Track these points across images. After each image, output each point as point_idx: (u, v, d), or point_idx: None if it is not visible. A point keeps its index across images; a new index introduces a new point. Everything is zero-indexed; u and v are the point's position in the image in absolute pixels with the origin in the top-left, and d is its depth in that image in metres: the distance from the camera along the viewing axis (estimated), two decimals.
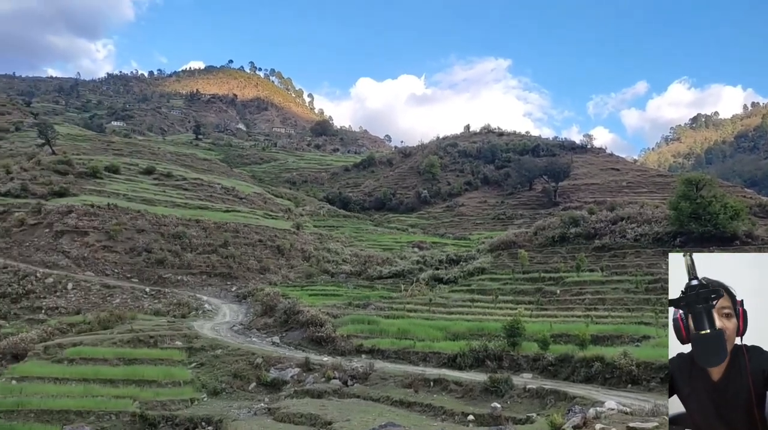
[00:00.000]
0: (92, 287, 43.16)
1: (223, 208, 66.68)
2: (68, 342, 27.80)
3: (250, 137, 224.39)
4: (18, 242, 49.64)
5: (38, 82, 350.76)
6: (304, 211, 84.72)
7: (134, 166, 77.05)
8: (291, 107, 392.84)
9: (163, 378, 23.74)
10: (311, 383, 22.75)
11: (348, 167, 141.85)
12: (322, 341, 28.71)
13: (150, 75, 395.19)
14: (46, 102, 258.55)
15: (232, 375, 24.66)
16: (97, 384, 22.58)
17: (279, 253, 54.88)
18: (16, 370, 24.22)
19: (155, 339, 28.60)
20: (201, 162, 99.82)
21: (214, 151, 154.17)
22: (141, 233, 51.31)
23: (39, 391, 21.45)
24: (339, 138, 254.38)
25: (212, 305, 41.54)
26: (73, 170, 66.47)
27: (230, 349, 27.35)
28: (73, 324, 32.21)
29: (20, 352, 27.42)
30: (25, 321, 37.78)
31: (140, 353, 26.75)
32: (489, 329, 27.34)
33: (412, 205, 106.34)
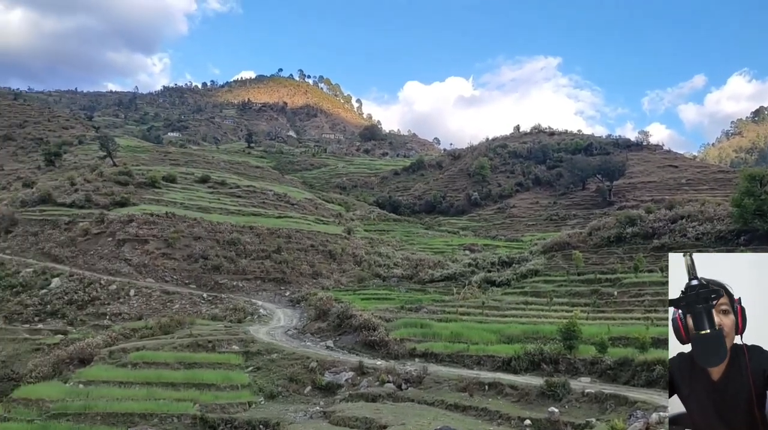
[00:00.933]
0: (153, 294, 44.59)
1: (275, 214, 67.82)
2: (131, 347, 28.79)
3: (300, 144, 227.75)
4: (83, 250, 51.77)
5: (99, 97, 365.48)
6: (354, 216, 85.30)
7: (190, 176, 79.24)
8: (340, 113, 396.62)
9: (222, 382, 24.29)
10: (365, 387, 22.86)
11: (397, 171, 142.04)
12: (375, 344, 28.80)
13: (203, 86, 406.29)
14: (107, 116, 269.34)
15: (288, 379, 25.02)
16: (160, 387, 23.29)
17: (331, 257, 55.40)
18: (83, 374, 25.23)
19: (213, 343, 29.29)
20: (253, 170, 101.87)
21: (266, 158, 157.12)
22: (198, 240, 52.67)
23: (105, 394, 22.27)
24: (388, 142, 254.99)
25: (267, 310, 42.26)
26: (133, 181, 68.85)
27: (285, 353, 27.76)
28: (135, 329, 33.36)
29: (87, 357, 28.58)
30: (90, 327, 39.37)
31: (199, 357, 27.45)
32: (544, 332, 26.85)
33: (463, 207, 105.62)
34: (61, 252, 51.43)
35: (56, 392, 22.57)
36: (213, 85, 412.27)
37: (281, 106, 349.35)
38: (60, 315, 42.17)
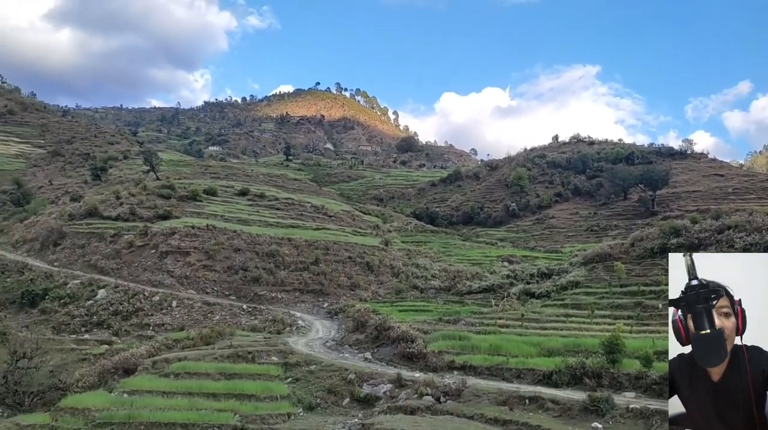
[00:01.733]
0: (194, 305, 45.38)
1: (313, 226, 68.40)
2: (174, 357, 29.33)
3: (337, 156, 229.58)
4: (128, 262, 53.10)
5: (143, 113, 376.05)
6: (391, 228, 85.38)
7: (230, 188, 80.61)
8: (376, 125, 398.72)
9: (262, 392, 24.50)
10: (404, 400, 22.74)
11: (434, 182, 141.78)
12: (414, 357, 28.66)
13: (243, 101, 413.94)
14: (150, 131, 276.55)
15: (327, 390, 25.09)
16: (201, 398, 23.64)
17: (368, 269, 55.51)
18: (128, 384, 25.77)
19: (253, 354, 29.61)
20: (291, 182, 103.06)
21: (303, 171, 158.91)
22: (237, 252, 53.45)
23: (148, 404, 22.69)
24: (424, 154, 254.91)
25: (305, 321, 42.55)
26: (175, 194, 70.40)
27: (324, 364, 27.87)
28: (177, 340, 33.99)
29: (131, 366, 29.24)
30: (135, 337, 40.27)
31: (240, 368, 27.77)
32: (586, 345, 26.30)
33: (501, 218, 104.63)
34: (106, 264, 52.85)
35: (102, 402, 23.09)
36: (252, 99, 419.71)
37: (319, 119, 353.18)
38: (106, 326, 43.27)
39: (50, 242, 60.45)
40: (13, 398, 28.63)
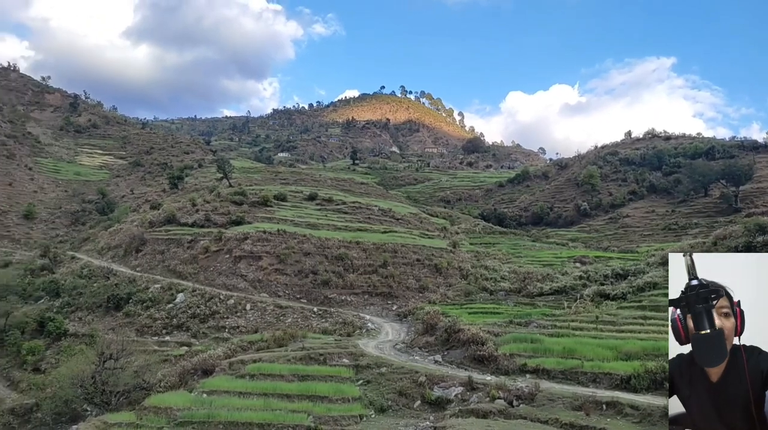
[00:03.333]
0: (267, 308, 46.54)
1: (381, 229, 68.77)
2: (249, 359, 30.16)
3: (403, 159, 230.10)
4: (204, 267, 55.06)
5: (216, 122, 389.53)
6: (459, 230, 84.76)
7: (299, 194, 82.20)
8: (442, 127, 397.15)
9: (334, 394, 24.82)
10: (475, 403, 22.50)
11: (502, 183, 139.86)
12: (484, 359, 28.32)
13: (310, 107, 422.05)
14: (223, 139, 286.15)
15: (398, 393, 25.14)
16: (275, 398, 24.18)
17: (437, 271, 55.30)
18: (206, 384, 26.69)
19: (324, 356, 30.05)
20: (359, 186, 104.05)
21: (370, 174, 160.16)
22: (307, 256, 54.43)
23: (226, 404, 23.42)
24: (491, 154, 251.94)
25: (375, 324, 42.83)
26: (247, 200, 72.44)
27: (394, 367, 27.94)
28: (252, 342, 34.94)
29: (209, 368, 30.30)
30: (212, 339, 41.71)
31: (312, 369, 28.24)
32: (666, 348, 25.15)
33: (572, 218, 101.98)
34: (184, 269, 54.99)
35: (183, 401, 24.01)
36: (319, 105, 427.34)
37: (384, 122, 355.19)
38: (185, 328, 45.07)
39: (132, 249, 63.46)
40: (101, 397, 30.20)
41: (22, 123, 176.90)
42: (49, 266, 65.40)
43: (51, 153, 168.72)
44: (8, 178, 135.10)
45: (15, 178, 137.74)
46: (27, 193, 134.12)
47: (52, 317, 49.26)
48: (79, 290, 54.89)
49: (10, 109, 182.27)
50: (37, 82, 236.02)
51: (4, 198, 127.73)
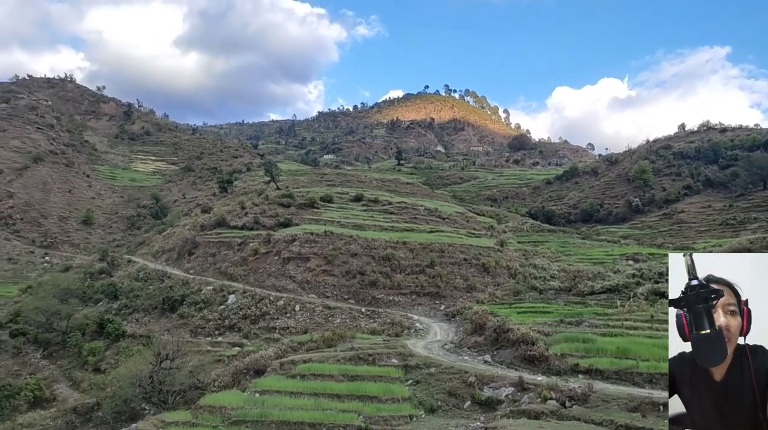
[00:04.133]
0: (316, 309, 47.06)
1: (427, 229, 68.60)
2: (299, 359, 30.58)
3: (449, 158, 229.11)
4: (254, 269, 56.06)
5: (262, 126, 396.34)
6: (506, 228, 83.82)
7: (345, 195, 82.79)
8: (487, 125, 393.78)
9: (383, 394, 24.91)
10: (527, 403, 22.22)
11: (549, 180, 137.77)
12: (535, 359, 27.91)
13: (354, 109, 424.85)
14: (270, 143, 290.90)
15: (447, 393, 25.05)
16: (326, 398, 24.44)
17: (484, 271, 54.83)
18: (258, 384, 27.19)
19: (373, 357, 30.19)
20: (404, 186, 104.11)
21: (415, 174, 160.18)
22: (354, 257, 54.75)
23: (278, 403, 23.81)
24: (538, 151, 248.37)
25: (423, 324, 42.76)
26: (294, 202, 73.41)
27: (443, 367, 27.85)
28: (302, 343, 35.41)
29: (260, 368, 30.85)
30: (263, 340, 42.44)
31: (361, 370, 28.41)
32: None
33: (623, 215, 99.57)
34: (235, 271, 56.11)
35: (236, 400, 24.54)
36: (363, 107, 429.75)
37: (428, 122, 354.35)
38: (236, 329, 46.01)
39: (185, 252, 65.16)
40: (158, 396, 31.14)
41: (79, 132, 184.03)
42: (107, 270, 67.78)
43: (107, 160, 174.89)
44: (68, 186, 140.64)
45: (74, 185, 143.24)
46: (85, 199, 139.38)
47: (111, 318, 51.08)
48: (135, 293, 56.72)
49: (68, 118, 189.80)
50: (92, 92, 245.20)
51: (65, 205, 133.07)
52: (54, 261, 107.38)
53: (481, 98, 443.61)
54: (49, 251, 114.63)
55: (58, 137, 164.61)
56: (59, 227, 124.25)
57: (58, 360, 50.14)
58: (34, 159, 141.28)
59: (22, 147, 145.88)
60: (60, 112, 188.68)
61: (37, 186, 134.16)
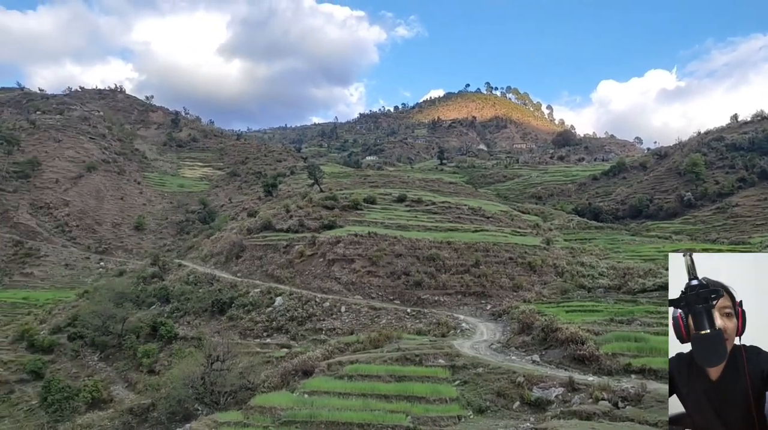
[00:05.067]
0: (361, 310, 47.29)
1: (471, 228, 68.15)
2: (346, 360, 30.77)
3: (491, 157, 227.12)
4: (299, 271, 56.74)
5: (305, 130, 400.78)
6: (552, 226, 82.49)
7: (388, 196, 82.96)
8: (530, 122, 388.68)
9: (431, 395, 24.83)
10: (578, 404, 21.80)
11: (596, 176, 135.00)
12: (585, 359, 27.35)
13: (395, 110, 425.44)
14: (312, 146, 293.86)
15: (495, 393, 24.79)
16: (374, 399, 24.51)
17: (531, 269, 54.09)
18: (307, 385, 27.46)
19: (420, 357, 30.14)
20: (447, 186, 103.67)
21: (458, 173, 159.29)
22: (399, 258, 54.79)
23: (326, 404, 24.00)
24: (583, 147, 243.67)
25: (469, 324, 42.46)
26: (338, 204, 73.93)
27: (491, 367, 27.59)
28: (348, 343, 35.62)
29: (308, 369, 31.16)
30: (310, 341, 42.90)
31: (408, 370, 28.40)
32: None
33: (674, 210, 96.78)
34: (281, 273, 56.89)
35: (285, 401, 24.85)
36: (404, 107, 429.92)
37: (470, 120, 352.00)
38: (284, 330, 46.64)
39: (233, 255, 66.42)
40: (210, 397, 31.86)
41: (129, 141, 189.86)
42: (159, 274, 69.67)
43: (156, 167, 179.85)
44: (120, 193, 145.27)
45: (126, 192, 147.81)
46: (137, 206, 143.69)
47: (164, 321, 52.50)
48: (186, 296, 58.12)
49: (118, 128, 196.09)
50: (141, 102, 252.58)
51: (117, 211, 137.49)
52: (108, 266, 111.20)
53: (524, 95, 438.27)
54: (104, 256, 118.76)
55: (110, 146, 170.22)
56: (113, 233, 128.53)
57: (115, 362, 51.86)
58: (87, 168, 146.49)
59: (76, 157, 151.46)
60: (111, 122, 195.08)
61: (91, 194, 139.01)
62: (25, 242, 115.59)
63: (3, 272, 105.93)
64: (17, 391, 51.86)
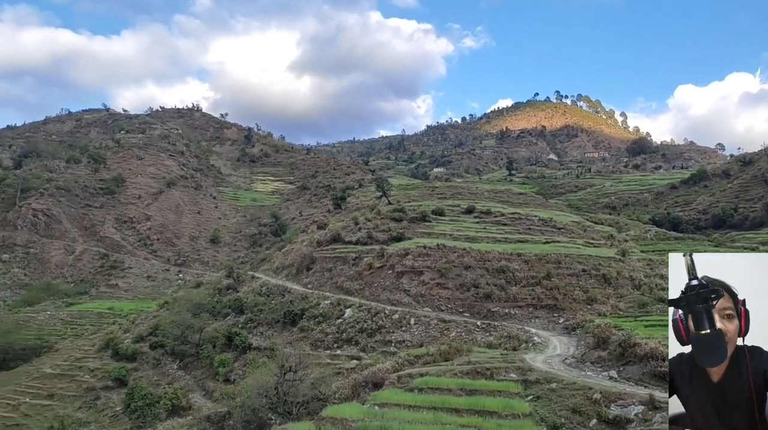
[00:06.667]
0: (431, 322, 47.05)
1: (542, 239, 66.68)
2: (416, 372, 30.67)
3: (562, 166, 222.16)
4: (368, 283, 57.12)
5: (373, 143, 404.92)
6: (628, 237, 79.58)
7: (456, 207, 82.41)
8: (602, 130, 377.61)
9: (503, 409, 24.37)
10: (659, 423, 20.88)
11: (674, 185, 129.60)
12: (666, 376, 26.11)
13: (463, 121, 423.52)
14: (380, 159, 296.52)
15: (571, 410, 24.07)
16: (445, 412, 24.28)
17: (605, 282, 52.30)
18: (377, 397, 27.54)
19: (491, 371, 29.67)
20: (516, 196, 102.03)
21: (527, 184, 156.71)
22: (468, 270, 54.22)
23: (397, 417, 23.97)
24: (660, 154, 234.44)
25: (541, 338, 41.47)
26: (406, 216, 74.04)
27: (565, 382, 26.83)
28: (418, 356, 35.50)
29: (379, 381, 31.26)
30: (379, 353, 43.01)
31: (479, 384, 28.00)
32: None
33: (761, 219, 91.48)
34: (350, 285, 57.44)
35: (356, 413, 24.99)
36: (471, 118, 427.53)
37: (539, 130, 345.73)
38: (354, 342, 46.99)
39: (303, 267, 67.65)
40: (283, 407, 32.48)
41: (206, 157, 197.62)
42: (233, 286, 71.82)
43: (231, 182, 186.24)
44: (197, 207, 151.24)
45: (202, 206, 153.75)
46: (213, 219, 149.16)
47: (238, 331, 54.05)
48: (259, 307, 59.60)
49: (195, 145, 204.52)
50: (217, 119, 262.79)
51: (194, 225, 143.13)
52: (186, 278, 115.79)
53: (595, 102, 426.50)
54: (182, 268, 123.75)
55: (188, 163, 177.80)
56: (190, 246, 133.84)
57: (193, 371, 53.77)
58: (167, 184, 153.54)
59: (157, 173, 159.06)
60: (189, 140, 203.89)
61: (171, 209, 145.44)
62: (110, 254, 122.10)
63: (90, 283, 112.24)
64: (103, 397, 54.69)
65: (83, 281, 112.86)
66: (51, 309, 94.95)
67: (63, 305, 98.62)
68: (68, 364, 64.95)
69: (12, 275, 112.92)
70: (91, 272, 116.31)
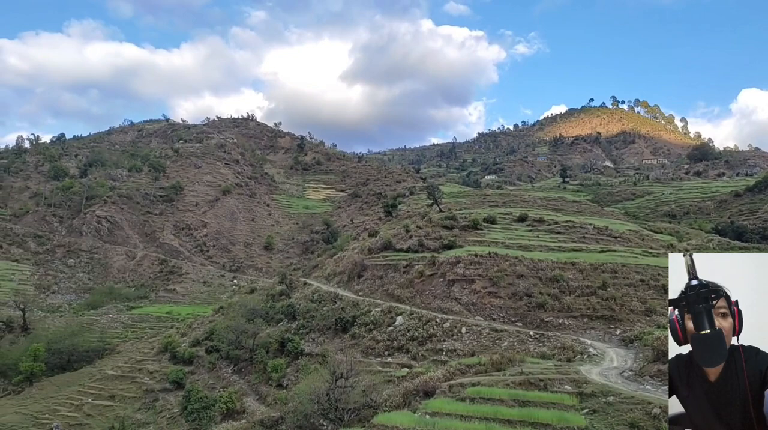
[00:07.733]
0: (482, 331, 46.52)
1: (597, 248, 65.13)
2: (467, 382, 30.34)
3: (618, 173, 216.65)
4: (419, 291, 57.00)
5: (424, 151, 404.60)
6: (689, 246, 76.84)
7: (508, 215, 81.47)
8: (661, 136, 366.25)
9: (557, 422, 23.81)
10: None
11: (739, 192, 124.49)
12: None
13: (515, 128, 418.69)
14: (431, 166, 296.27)
15: (629, 425, 23.32)
16: (497, 423, 23.92)
17: (665, 293, 50.56)
18: (428, 406, 27.38)
19: (545, 382, 29.05)
20: (570, 204, 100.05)
21: (582, 192, 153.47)
22: (520, 278, 53.43)
23: (448, 426, 23.76)
24: (723, 161, 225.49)
25: (596, 349, 40.37)
26: (457, 224, 73.66)
27: (623, 396, 26.01)
28: (470, 365, 35.13)
29: (429, 389, 31.08)
30: (431, 361, 42.80)
31: (532, 395, 27.46)
32: None
33: None
34: (401, 293, 57.45)
35: (408, 421, 24.92)
36: (524, 125, 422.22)
37: (595, 136, 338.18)
38: (404, 350, 46.92)
39: (355, 274, 68.10)
40: (335, 413, 32.68)
41: (260, 165, 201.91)
42: (286, 292, 72.93)
43: (284, 190, 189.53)
44: (251, 215, 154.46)
45: (256, 214, 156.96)
46: (266, 226, 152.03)
47: (291, 337, 54.81)
48: (311, 314, 60.31)
49: (250, 153, 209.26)
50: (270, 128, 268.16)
51: (249, 232, 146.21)
52: (241, 284, 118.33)
53: (654, 108, 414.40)
54: (237, 274, 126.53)
55: (243, 171, 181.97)
56: (245, 253, 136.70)
57: (246, 375, 54.80)
58: (223, 191, 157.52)
59: (213, 181, 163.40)
60: (244, 148, 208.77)
61: (226, 216, 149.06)
62: (169, 260, 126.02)
63: (150, 288, 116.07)
64: (161, 399, 56.37)
65: (143, 286, 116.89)
66: (113, 312, 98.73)
67: (124, 308, 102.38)
68: (129, 366, 67.31)
69: (77, 279, 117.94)
70: (150, 276, 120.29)
